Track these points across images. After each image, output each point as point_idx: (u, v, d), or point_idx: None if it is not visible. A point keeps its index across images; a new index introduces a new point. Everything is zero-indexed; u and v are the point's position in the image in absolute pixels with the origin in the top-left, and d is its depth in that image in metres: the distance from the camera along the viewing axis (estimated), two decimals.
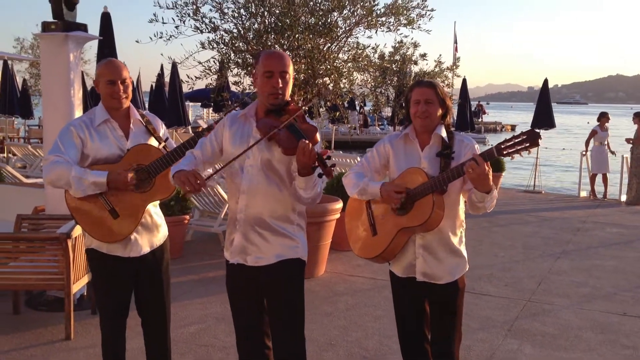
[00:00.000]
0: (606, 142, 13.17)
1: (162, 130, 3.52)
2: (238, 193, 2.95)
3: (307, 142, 2.64)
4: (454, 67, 10.11)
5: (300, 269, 3.02)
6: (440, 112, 3.11)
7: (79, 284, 4.80)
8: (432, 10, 7.01)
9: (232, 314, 3.14)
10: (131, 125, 3.38)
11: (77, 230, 4.60)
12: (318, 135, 2.82)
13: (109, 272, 3.35)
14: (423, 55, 9.32)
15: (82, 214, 3.26)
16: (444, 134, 3.10)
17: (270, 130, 2.79)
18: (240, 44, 6.61)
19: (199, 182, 2.80)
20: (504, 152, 2.84)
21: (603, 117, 13.23)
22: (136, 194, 3.25)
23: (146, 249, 3.37)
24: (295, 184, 2.84)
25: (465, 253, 3.20)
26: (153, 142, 3.40)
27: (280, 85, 2.84)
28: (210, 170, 3.07)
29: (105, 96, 3.30)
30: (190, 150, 3.07)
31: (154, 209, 3.43)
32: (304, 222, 3.08)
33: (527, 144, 2.79)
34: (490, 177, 2.85)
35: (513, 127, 54.12)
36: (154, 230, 3.42)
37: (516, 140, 2.81)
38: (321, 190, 2.89)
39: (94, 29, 6.59)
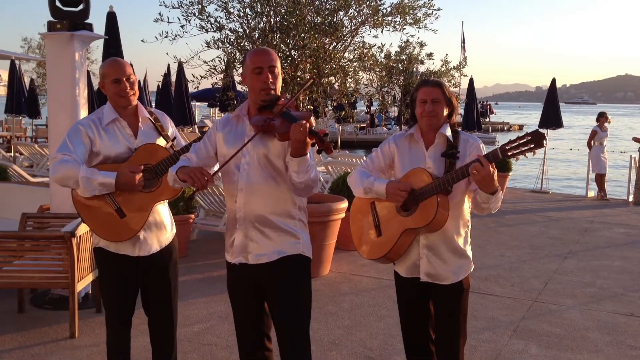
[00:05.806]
0: (605, 143, 13.11)
1: (171, 128, 3.49)
2: (236, 191, 2.90)
3: (302, 121, 2.61)
4: (461, 66, 10.07)
5: (303, 265, 2.97)
6: (446, 111, 3.10)
7: (84, 282, 4.81)
8: (438, 9, 6.99)
9: (233, 314, 3.10)
10: (140, 123, 3.35)
11: (82, 229, 4.61)
12: (313, 120, 2.72)
13: (116, 271, 3.32)
14: (429, 55, 9.30)
15: (89, 212, 3.24)
16: (448, 133, 3.09)
17: (265, 122, 2.78)
18: (246, 43, 6.61)
19: (206, 178, 2.78)
20: (509, 154, 2.81)
21: (601, 117, 13.15)
22: (143, 194, 3.23)
23: (155, 248, 3.34)
24: (289, 169, 2.79)
25: (470, 253, 3.18)
26: (161, 140, 3.37)
27: (271, 79, 2.84)
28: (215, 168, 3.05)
29: (113, 96, 3.27)
30: (185, 154, 3.05)
31: (162, 208, 3.41)
32: (305, 217, 3.03)
33: (532, 145, 2.76)
34: (495, 178, 2.82)
35: (521, 127, 53.98)
36: (162, 228, 3.39)
37: (521, 142, 2.78)
38: (316, 177, 2.80)
39: (100, 28, 6.60)
